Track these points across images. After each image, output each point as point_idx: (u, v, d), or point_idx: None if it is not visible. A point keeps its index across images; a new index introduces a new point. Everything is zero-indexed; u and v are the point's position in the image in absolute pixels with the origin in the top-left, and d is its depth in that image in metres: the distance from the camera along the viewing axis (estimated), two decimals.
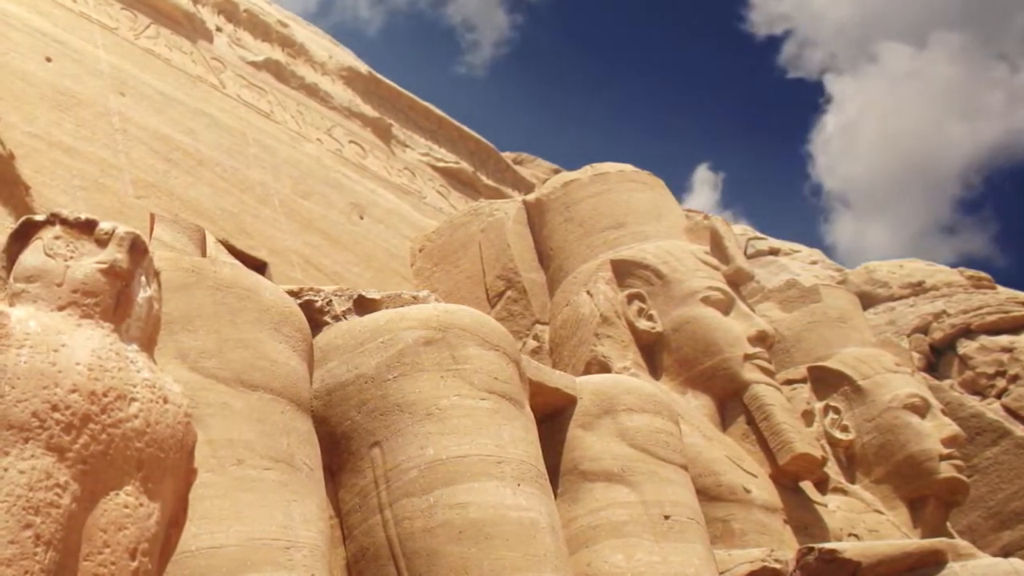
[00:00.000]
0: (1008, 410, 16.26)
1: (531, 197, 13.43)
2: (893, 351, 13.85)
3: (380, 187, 14.56)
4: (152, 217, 7.89)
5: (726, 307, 11.55)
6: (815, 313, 14.02)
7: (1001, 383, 16.66)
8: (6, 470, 4.44)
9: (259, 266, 11.85)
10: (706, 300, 11.49)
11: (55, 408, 4.62)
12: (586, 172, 13.07)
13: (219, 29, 14.18)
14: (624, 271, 11.83)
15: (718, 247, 12.09)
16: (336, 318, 8.00)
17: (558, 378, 9.04)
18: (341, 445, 7.53)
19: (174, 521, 5.21)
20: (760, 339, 11.43)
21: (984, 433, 15.19)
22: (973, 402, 15.74)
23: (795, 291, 14.38)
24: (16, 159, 10.25)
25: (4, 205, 10.07)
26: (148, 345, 5.25)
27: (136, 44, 12.83)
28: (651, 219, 12.43)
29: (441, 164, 15.94)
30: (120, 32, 12.77)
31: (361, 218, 13.94)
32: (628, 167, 13.06)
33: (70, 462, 4.59)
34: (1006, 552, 13.82)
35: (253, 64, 14.25)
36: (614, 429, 8.81)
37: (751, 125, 46.99)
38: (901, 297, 18.66)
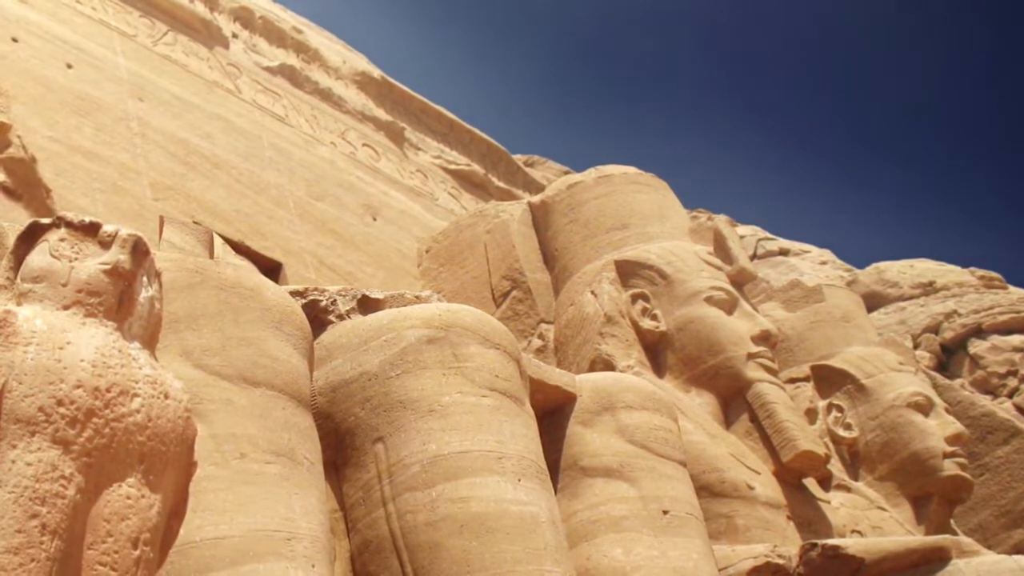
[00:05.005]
0: (1019, 409, 16.24)
1: (536, 199, 13.48)
2: (897, 350, 13.82)
3: (393, 189, 14.74)
4: (161, 219, 8.09)
5: (729, 307, 11.59)
6: (819, 312, 14.01)
7: (1012, 382, 16.65)
8: (14, 462, 4.55)
9: (274, 267, 12.05)
10: (709, 300, 11.54)
11: (60, 403, 4.72)
12: (590, 174, 13.14)
13: (235, 35, 14.42)
14: (628, 271, 11.90)
15: (721, 247, 12.12)
16: (340, 317, 8.12)
17: (558, 376, 9.11)
18: (345, 441, 7.63)
19: (175, 512, 5.27)
20: (764, 338, 11.46)
21: (995, 432, 15.16)
22: (984, 401, 15.68)
23: (798, 291, 14.40)
24: (38, 163, 10.48)
25: (26, 207, 10.30)
26: (150, 343, 5.31)
27: (154, 51, 13.09)
28: (655, 220, 12.49)
29: (453, 166, 16.09)
30: (138, 39, 13.03)
31: (374, 219, 14.13)
32: (632, 169, 13.10)
33: (75, 455, 4.70)
34: (1017, 551, 13.79)
35: (268, 69, 14.47)
36: (613, 426, 8.87)
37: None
38: (912, 297, 18.64)
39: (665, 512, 8.55)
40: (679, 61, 46.92)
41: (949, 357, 17.71)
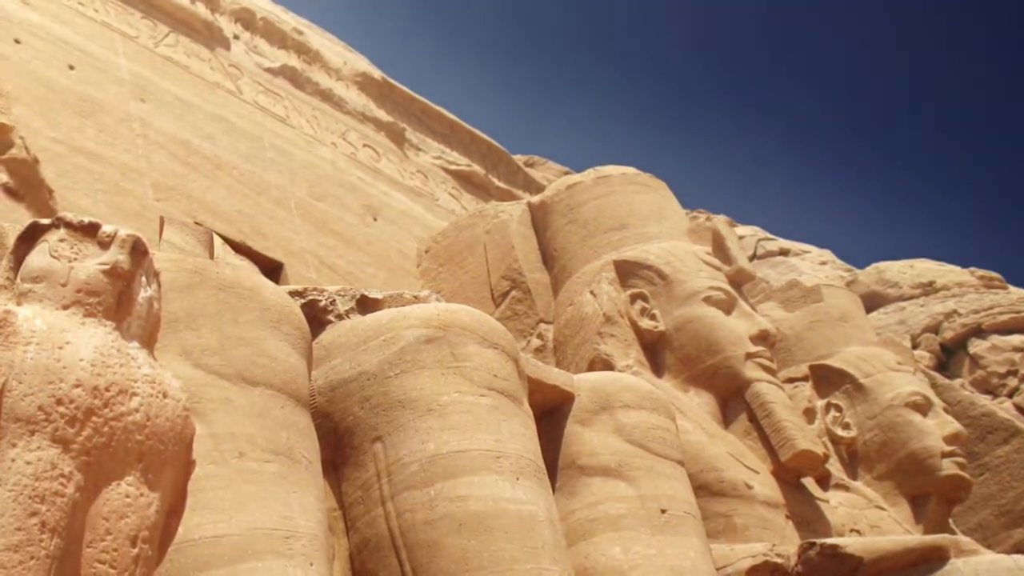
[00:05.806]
0: (1019, 409, 16.28)
1: (535, 199, 13.51)
2: (895, 350, 13.86)
3: (393, 189, 14.79)
4: (161, 220, 8.14)
5: (728, 307, 11.62)
6: (817, 312, 14.05)
7: (1012, 382, 16.70)
8: (14, 461, 4.59)
9: (275, 267, 12.10)
10: (708, 300, 11.57)
11: (60, 402, 4.76)
12: (589, 175, 13.16)
13: (236, 37, 14.48)
14: (627, 271, 11.93)
15: (720, 248, 12.14)
16: (339, 317, 8.16)
17: (556, 375, 9.12)
18: (344, 440, 7.66)
19: (173, 510, 5.31)
20: (762, 338, 11.48)
21: (995, 432, 15.19)
22: (984, 401, 15.72)
23: (797, 291, 14.45)
24: (40, 163, 10.55)
25: (29, 208, 10.36)
26: (148, 342, 5.36)
27: (156, 52, 13.15)
28: (654, 220, 12.51)
29: (453, 167, 16.15)
30: (140, 40, 13.10)
31: (375, 220, 14.18)
32: (631, 170, 13.12)
33: (74, 453, 4.74)
34: (1016, 550, 13.80)
35: (269, 70, 14.54)
36: (611, 425, 8.89)
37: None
38: (911, 297, 18.68)
39: (663, 511, 8.56)
40: (678, 61, 47.01)
41: (949, 357, 17.76)
